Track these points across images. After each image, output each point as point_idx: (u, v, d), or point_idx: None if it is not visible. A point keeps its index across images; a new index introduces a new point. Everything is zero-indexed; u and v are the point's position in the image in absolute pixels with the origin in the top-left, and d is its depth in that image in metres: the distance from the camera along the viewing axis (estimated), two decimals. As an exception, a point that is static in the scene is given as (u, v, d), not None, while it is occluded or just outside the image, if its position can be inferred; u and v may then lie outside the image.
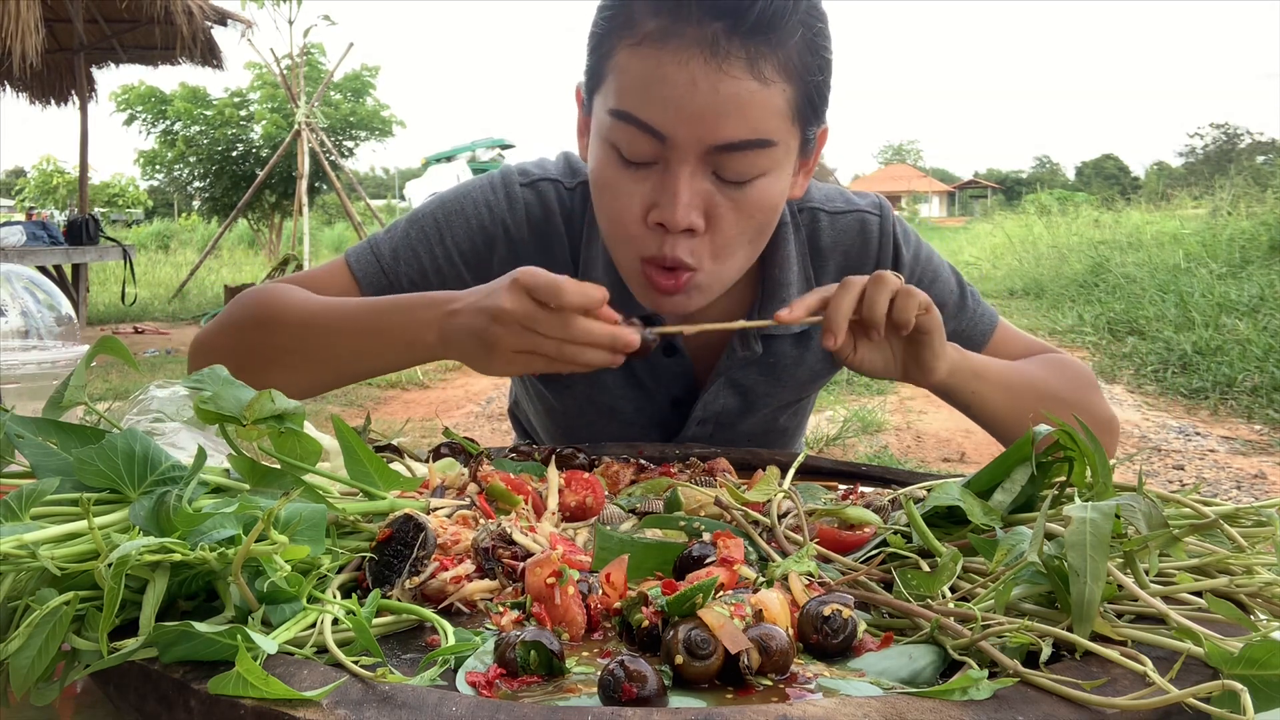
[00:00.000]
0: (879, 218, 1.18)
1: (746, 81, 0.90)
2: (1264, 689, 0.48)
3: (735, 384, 1.18)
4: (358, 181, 12.68)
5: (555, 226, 1.14)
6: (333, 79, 13.25)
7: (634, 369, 1.17)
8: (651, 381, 1.18)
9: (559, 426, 1.27)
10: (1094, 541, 0.54)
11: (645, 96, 0.92)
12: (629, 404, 1.20)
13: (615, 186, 0.97)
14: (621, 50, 0.94)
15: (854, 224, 1.17)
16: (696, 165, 0.93)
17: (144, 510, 0.57)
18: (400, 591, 0.62)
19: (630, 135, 0.94)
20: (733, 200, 0.95)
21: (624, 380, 1.18)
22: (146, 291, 11.37)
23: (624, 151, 0.95)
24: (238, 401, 0.64)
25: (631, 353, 0.89)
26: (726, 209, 0.95)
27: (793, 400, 1.24)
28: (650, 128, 0.92)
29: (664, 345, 1.15)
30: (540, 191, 1.14)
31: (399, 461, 0.87)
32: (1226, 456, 4.37)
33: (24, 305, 1.36)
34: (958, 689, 0.47)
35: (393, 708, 0.45)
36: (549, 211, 1.14)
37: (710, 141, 0.91)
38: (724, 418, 1.20)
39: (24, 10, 7.09)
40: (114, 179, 30.05)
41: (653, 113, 0.92)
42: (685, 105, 0.90)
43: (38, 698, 0.51)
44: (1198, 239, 10.25)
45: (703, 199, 0.94)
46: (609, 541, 0.69)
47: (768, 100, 0.91)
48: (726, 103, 0.90)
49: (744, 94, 0.90)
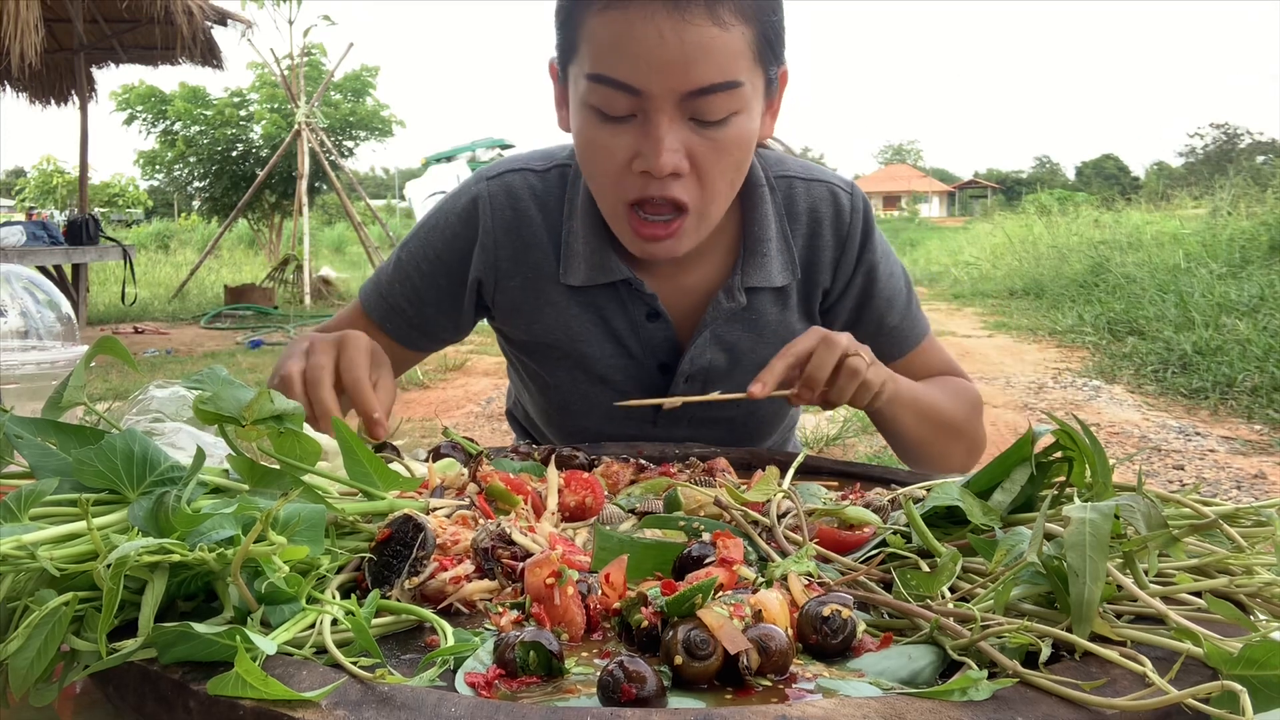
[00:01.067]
0: (850, 194, 1.25)
1: (708, 28, 0.97)
2: (1263, 689, 0.48)
3: (720, 339, 1.22)
4: (358, 181, 12.68)
5: (525, 211, 1.21)
6: (333, 79, 13.25)
7: (619, 336, 1.23)
8: (638, 348, 1.23)
9: (554, 405, 1.30)
10: (1093, 542, 0.54)
11: (618, 56, 0.98)
12: (618, 372, 1.24)
13: (598, 143, 1.04)
14: (590, 19, 1.01)
15: (826, 193, 1.24)
16: (673, 113, 1.00)
17: (143, 511, 0.56)
18: (399, 592, 0.62)
19: (608, 95, 1.00)
20: (711, 141, 1.02)
21: (612, 350, 1.23)
22: (146, 291, 11.37)
23: (604, 110, 1.02)
24: (237, 402, 0.64)
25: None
26: (706, 149, 1.02)
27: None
28: (626, 85, 0.98)
29: (648, 311, 1.21)
30: (506, 183, 1.22)
31: (398, 461, 0.87)
32: (1226, 456, 4.37)
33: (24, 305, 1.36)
34: (957, 689, 0.47)
35: (392, 708, 0.45)
36: (516, 199, 1.21)
37: (683, 89, 0.98)
38: (711, 374, 1.24)
39: (24, 10, 7.09)
40: (114, 179, 30.04)
41: (626, 70, 0.98)
42: (655, 58, 0.96)
43: (37, 698, 0.51)
44: (1198, 239, 10.25)
45: (682, 143, 1.01)
46: (608, 542, 0.69)
47: (730, 43, 0.98)
48: (693, 50, 0.96)
49: (707, 40, 0.97)
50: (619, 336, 1.22)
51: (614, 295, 1.21)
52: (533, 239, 1.21)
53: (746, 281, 1.19)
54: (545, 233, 1.21)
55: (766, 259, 1.19)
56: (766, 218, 1.20)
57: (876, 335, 1.27)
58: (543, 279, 1.21)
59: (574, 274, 1.19)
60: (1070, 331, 8.30)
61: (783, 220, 1.23)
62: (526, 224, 1.21)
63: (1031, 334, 8.64)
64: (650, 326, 1.21)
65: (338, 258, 19.37)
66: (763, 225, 1.20)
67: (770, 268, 1.20)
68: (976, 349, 7.76)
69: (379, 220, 12.93)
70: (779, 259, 1.21)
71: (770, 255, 1.20)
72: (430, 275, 1.23)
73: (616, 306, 1.21)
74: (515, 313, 1.25)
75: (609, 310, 1.21)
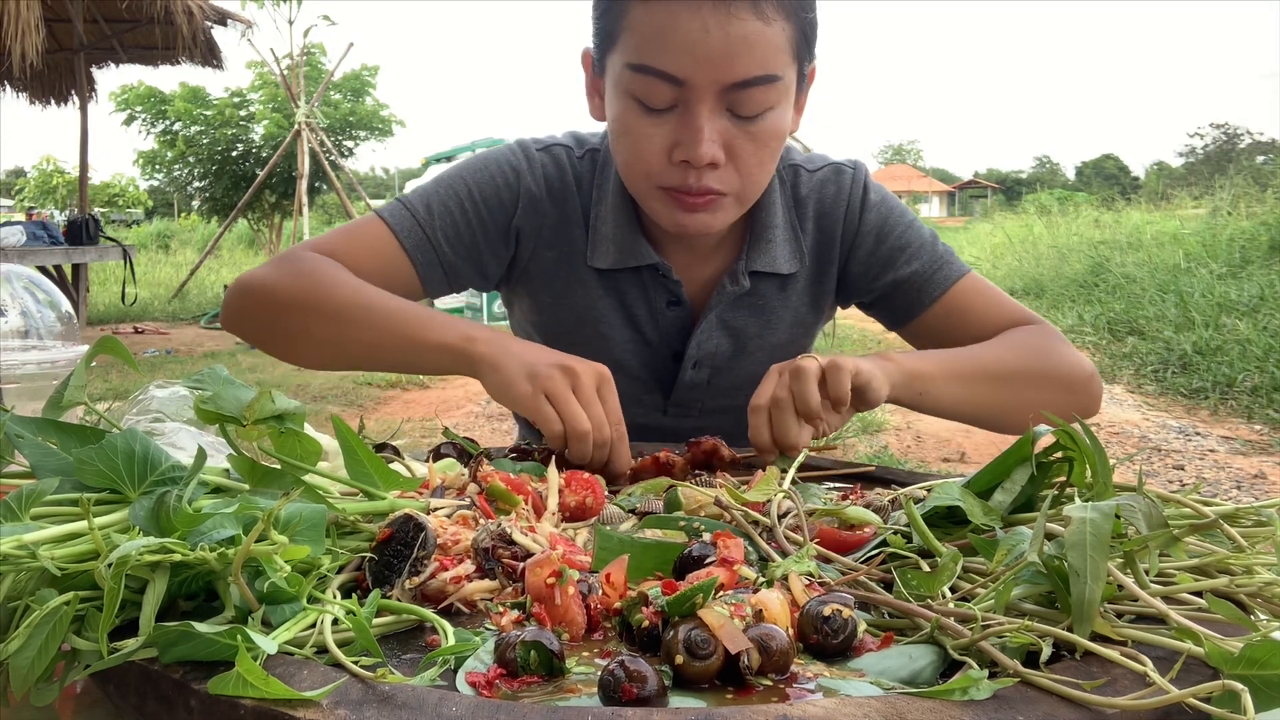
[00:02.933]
0: (852, 169, 1.27)
1: (752, 22, 0.98)
2: (1264, 689, 0.48)
3: (725, 323, 1.23)
4: (358, 181, 12.67)
5: (569, 185, 1.23)
6: (333, 79, 13.25)
7: (638, 323, 1.24)
8: (655, 335, 1.24)
9: None
10: (1094, 541, 0.54)
11: (662, 47, 0.99)
12: (634, 357, 1.25)
13: (638, 131, 1.05)
14: (634, 8, 1.02)
15: (829, 174, 1.26)
16: (714, 104, 1.01)
17: (144, 510, 0.56)
18: (400, 591, 0.62)
19: (650, 84, 1.01)
20: (748, 134, 1.03)
21: (630, 335, 1.24)
22: (146, 291, 11.37)
23: (645, 100, 1.03)
24: (238, 401, 0.64)
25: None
26: (743, 141, 1.04)
27: (782, 344, 1.28)
28: (670, 75, 1.00)
29: (669, 298, 1.22)
30: (554, 155, 1.24)
31: (398, 461, 0.87)
32: (1226, 456, 4.37)
33: (24, 305, 1.36)
34: (958, 689, 0.47)
35: (393, 708, 0.45)
36: (563, 171, 1.23)
37: (726, 81, 0.99)
38: (717, 360, 1.25)
39: (24, 10, 7.08)
40: (114, 179, 30.04)
41: (670, 61, 0.99)
42: (700, 50, 0.98)
43: (37, 698, 0.51)
44: (1198, 239, 10.25)
45: (721, 135, 1.03)
46: (609, 541, 0.69)
47: (772, 38, 0.99)
48: (737, 44, 0.98)
49: (751, 34, 0.98)
50: (638, 323, 1.24)
51: (638, 281, 1.22)
52: (572, 214, 1.23)
53: (751, 266, 1.20)
54: (580, 213, 1.23)
55: (772, 245, 1.21)
56: (774, 205, 1.21)
57: (899, 287, 1.24)
58: (575, 257, 1.22)
59: (601, 257, 1.20)
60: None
61: (790, 210, 1.24)
62: (569, 199, 1.23)
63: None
64: (669, 314, 1.23)
65: (338, 258, 19.30)
66: (770, 213, 1.21)
67: (776, 254, 1.21)
68: (976, 349, 7.74)
69: (379, 220, 12.90)
70: (786, 247, 1.22)
71: (776, 242, 1.21)
72: (473, 216, 1.20)
73: (639, 293, 1.23)
74: (546, 285, 1.25)
75: (631, 296, 1.23)
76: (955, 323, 1.23)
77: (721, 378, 1.25)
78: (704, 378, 1.25)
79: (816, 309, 1.28)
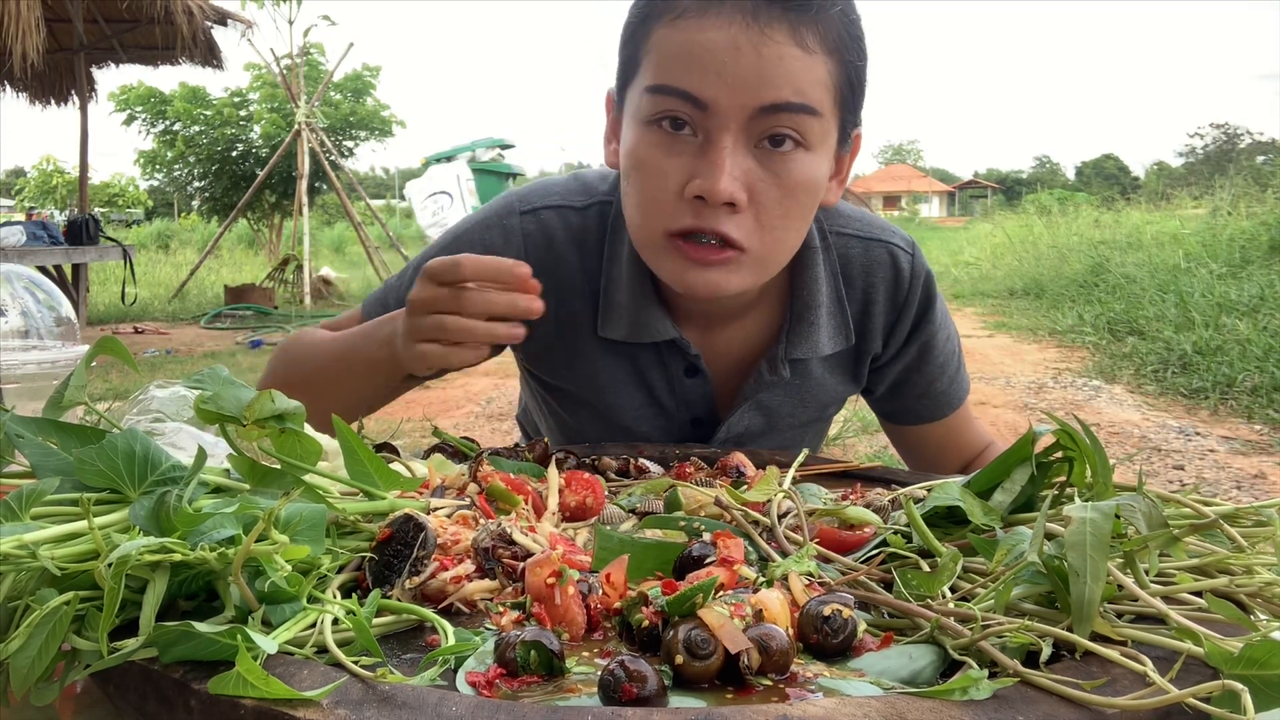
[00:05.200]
0: (911, 256, 1.16)
1: (789, 46, 0.90)
2: (1264, 689, 0.48)
3: (760, 405, 1.17)
4: (358, 181, 12.68)
5: (559, 251, 1.12)
6: (333, 79, 13.25)
7: (653, 389, 1.16)
8: (671, 402, 1.17)
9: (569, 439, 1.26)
10: (1094, 541, 0.54)
11: (686, 65, 0.91)
12: (645, 423, 1.18)
13: (651, 163, 0.95)
14: (659, 30, 0.94)
15: (885, 256, 1.15)
16: (739, 134, 0.91)
17: (144, 510, 0.57)
18: (400, 591, 0.62)
19: (670, 107, 0.92)
20: (775, 175, 0.93)
21: (642, 400, 1.17)
22: (146, 291, 11.37)
23: (665, 125, 0.93)
24: (238, 401, 0.64)
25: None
26: (768, 184, 0.93)
27: (813, 420, 1.24)
28: (691, 95, 0.90)
29: (687, 366, 1.14)
30: (541, 220, 1.12)
31: (398, 461, 0.87)
32: (1226, 456, 4.37)
33: (24, 305, 1.36)
34: (958, 689, 0.47)
35: (393, 708, 0.45)
36: (550, 239, 1.12)
37: (754, 104, 0.90)
38: (746, 438, 1.19)
39: (24, 10, 7.09)
40: (114, 179, 30.08)
41: (694, 80, 0.90)
42: (728, 68, 0.89)
43: (38, 697, 0.51)
44: (1198, 239, 10.25)
45: (744, 173, 0.92)
46: (609, 541, 0.69)
47: (811, 67, 0.91)
48: (770, 65, 0.89)
49: (788, 57, 0.90)
50: (652, 390, 1.16)
51: (653, 350, 1.13)
52: (568, 285, 1.11)
53: (791, 353, 1.11)
54: (581, 277, 1.12)
55: (814, 328, 1.11)
56: (817, 281, 1.10)
57: (921, 398, 1.23)
58: (575, 328, 1.13)
59: (614, 328, 1.10)
60: (1070, 331, 8.30)
61: (836, 281, 1.13)
62: (562, 268, 1.11)
63: (1031, 334, 8.64)
64: (689, 383, 1.15)
65: (338, 258, 19.36)
66: (812, 291, 1.10)
67: (818, 338, 1.11)
68: (976, 349, 7.75)
69: (379, 220, 12.92)
70: (829, 325, 1.12)
71: (819, 325, 1.11)
72: None
73: (653, 360, 1.14)
74: (541, 358, 1.18)
75: (644, 363, 1.14)
76: (937, 443, 1.25)
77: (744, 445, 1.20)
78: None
79: (853, 381, 1.22)
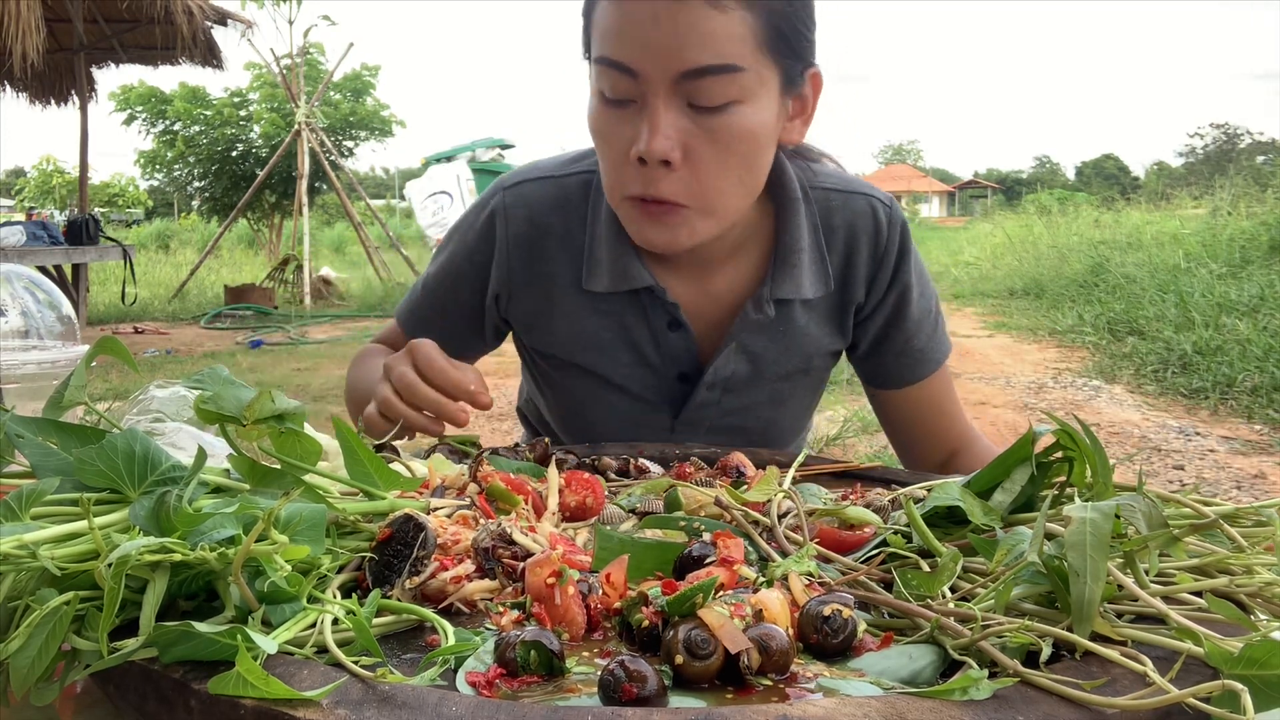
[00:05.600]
0: (889, 208, 1.23)
1: (703, 9, 0.96)
2: (1264, 689, 0.48)
3: (745, 349, 1.20)
4: (358, 181, 12.67)
5: (541, 221, 1.21)
6: (333, 79, 13.25)
7: (639, 346, 1.21)
8: (657, 358, 1.22)
9: (569, 408, 1.30)
10: (1094, 541, 0.54)
11: (617, 38, 0.99)
12: (635, 381, 1.23)
13: (604, 130, 1.04)
14: (600, 5, 1.02)
15: (865, 207, 1.21)
16: (668, 97, 0.98)
17: (144, 510, 0.57)
18: (400, 591, 0.62)
19: (610, 78, 1.00)
20: (708, 131, 0.99)
21: (631, 359, 1.22)
22: (146, 291, 11.37)
23: (607, 94, 1.02)
24: (238, 401, 0.64)
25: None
26: (702, 140, 1.00)
27: (798, 371, 1.25)
28: (624, 66, 0.98)
29: (669, 320, 1.19)
30: (522, 194, 1.22)
31: (398, 461, 0.87)
32: (1226, 456, 4.37)
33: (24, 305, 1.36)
34: (958, 689, 0.47)
35: (393, 708, 0.45)
36: (532, 209, 1.21)
37: (676, 69, 0.97)
38: (732, 383, 1.22)
39: (24, 10, 7.09)
40: (114, 179, 30.08)
41: (624, 51, 0.98)
42: (650, 39, 0.97)
43: (38, 697, 0.51)
44: (1198, 239, 10.25)
45: (677, 131, 0.99)
46: (609, 541, 0.69)
47: (726, 26, 0.96)
48: (686, 31, 0.95)
49: (701, 20, 0.96)
50: (638, 345, 1.21)
51: (636, 304, 1.19)
52: (550, 249, 1.20)
53: (776, 293, 1.16)
54: (565, 241, 1.20)
55: (798, 270, 1.16)
56: (800, 228, 1.17)
57: (900, 355, 1.25)
58: (560, 288, 1.20)
59: (597, 280, 1.17)
60: (1070, 331, 8.30)
61: (818, 233, 1.20)
62: (544, 236, 1.20)
63: (1031, 334, 8.64)
64: (672, 336, 1.20)
65: (338, 258, 19.36)
66: (795, 235, 1.16)
67: (801, 280, 1.17)
68: (976, 349, 7.76)
69: (379, 220, 12.92)
70: (811, 271, 1.18)
71: (802, 267, 1.17)
72: (452, 290, 1.27)
73: (637, 315, 1.20)
74: (531, 324, 1.25)
75: (629, 319, 1.20)
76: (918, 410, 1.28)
77: (732, 398, 1.23)
78: (715, 397, 1.23)
79: (839, 333, 1.25)
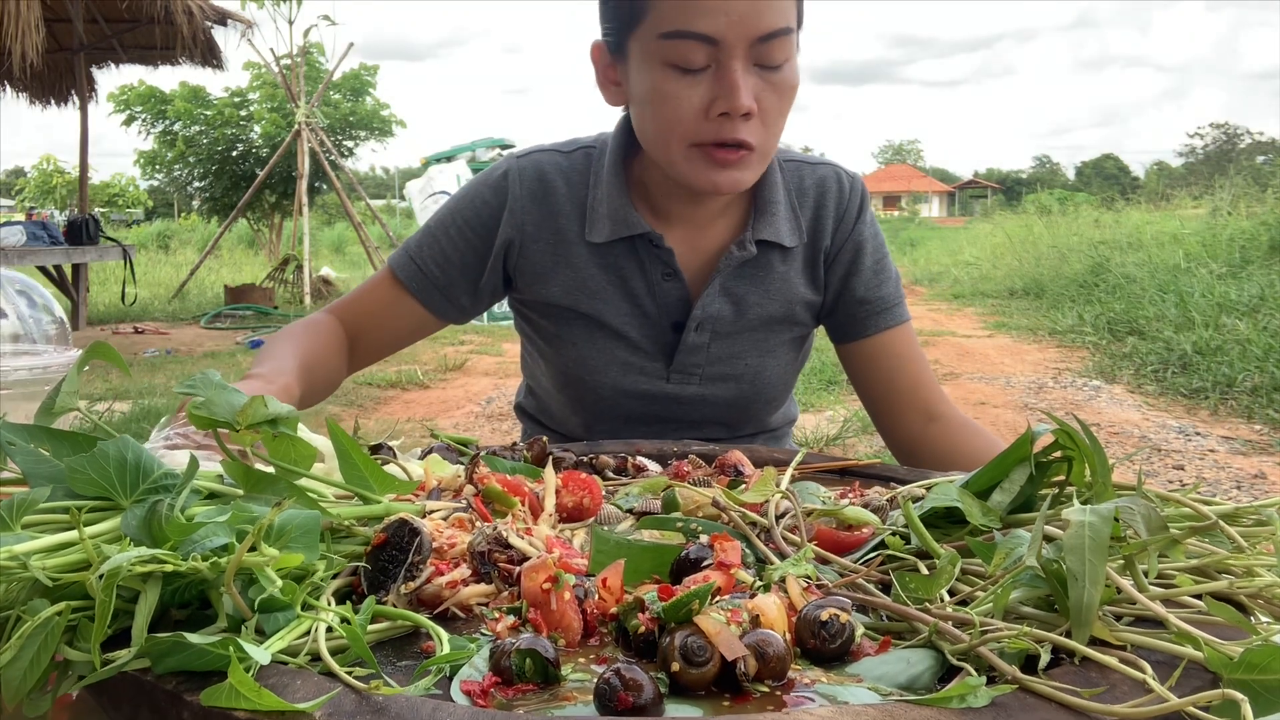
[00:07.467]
0: (850, 179, 1.39)
1: None
2: (1264, 694, 0.48)
3: (728, 290, 1.32)
4: (358, 181, 12.67)
5: (550, 183, 1.33)
6: (332, 79, 13.24)
7: (635, 295, 1.32)
8: (652, 306, 1.32)
9: (570, 364, 1.36)
10: (1093, 545, 0.53)
11: (697, 11, 1.11)
12: (633, 329, 1.33)
13: (676, 95, 1.15)
14: None
15: (830, 174, 1.38)
16: (744, 59, 1.13)
17: (136, 519, 0.56)
18: (395, 597, 0.62)
19: (687, 48, 1.13)
20: (772, 85, 1.16)
21: (627, 308, 1.32)
22: (146, 291, 11.36)
23: (681, 64, 1.14)
24: (230, 406, 0.63)
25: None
26: (769, 92, 1.16)
27: (782, 319, 1.35)
28: (706, 36, 1.11)
29: (664, 270, 1.30)
30: (535, 161, 1.35)
31: (394, 463, 0.87)
32: (1226, 456, 4.37)
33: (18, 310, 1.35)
34: (955, 696, 0.47)
35: (386, 718, 0.45)
36: (543, 175, 1.33)
37: (755, 34, 1.11)
38: (718, 324, 1.32)
39: (24, 10, 7.08)
40: (114, 179, 30.06)
41: (706, 23, 1.11)
42: (733, 9, 1.11)
43: (30, 708, 0.51)
44: (1198, 239, 10.24)
45: (752, 86, 1.14)
46: (606, 544, 0.68)
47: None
48: (762, 1, 1.11)
49: None
50: (635, 295, 1.32)
51: (633, 254, 1.31)
52: (557, 207, 1.32)
53: (757, 234, 1.30)
54: (570, 202, 1.32)
55: (776, 217, 1.31)
56: (777, 185, 1.32)
57: (859, 306, 1.36)
58: (565, 242, 1.32)
59: (598, 230, 1.30)
60: (1070, 331, 8.29)
61: (791, 195, 1.35)
62: (552, 194, 1.32)
63: (1031, 334, 8.63)
64: (666, 285, 1.31)
65: (338, 258, 19.36)
66: (773, 189, 1.32)
67: (779, 226, 1.31)
68: (976, 349, 7.75)
69: (379, 220, 12.91)
70: (787, 222, 1.33)
71: (779, 216, 1.31)
72: (457, 238, 1.34)
73: (635, 266, 1.31)
74: (537, 275, 1.34)
75: (628, 269, 1.31)
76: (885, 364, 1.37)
77: (720, 343, 1.33)
78: (705, 340, 1.32)
79: (812, 285, 1.37)
